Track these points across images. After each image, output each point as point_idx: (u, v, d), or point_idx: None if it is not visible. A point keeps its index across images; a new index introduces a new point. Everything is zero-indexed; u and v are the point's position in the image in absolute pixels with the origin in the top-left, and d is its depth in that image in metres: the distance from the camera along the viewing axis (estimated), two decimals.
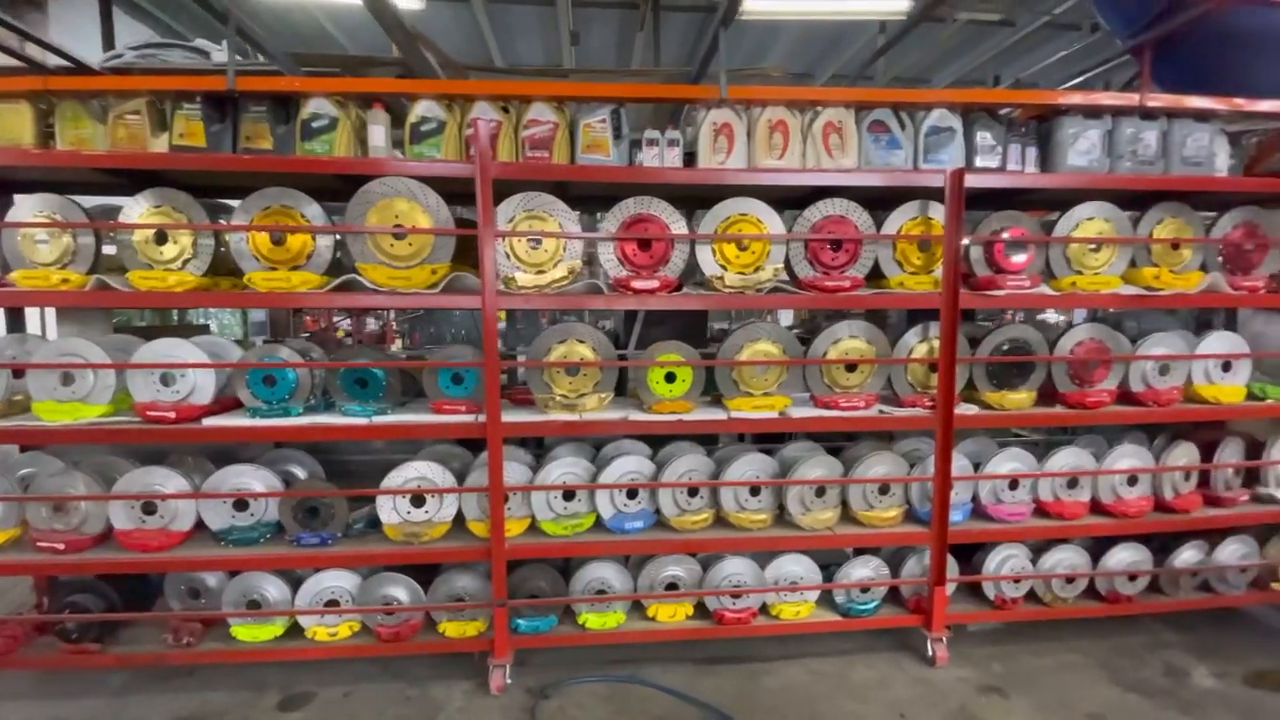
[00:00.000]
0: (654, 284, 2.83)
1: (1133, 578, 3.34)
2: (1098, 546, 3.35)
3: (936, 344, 3.01)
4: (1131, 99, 2.97)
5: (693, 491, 3.08)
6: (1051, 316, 7.10)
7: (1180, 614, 3.46)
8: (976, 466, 3.25)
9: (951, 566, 3.19)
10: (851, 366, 3.08)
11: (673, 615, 3.13)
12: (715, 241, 2.90)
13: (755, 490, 3.11)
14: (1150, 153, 3.05)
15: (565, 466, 3.02)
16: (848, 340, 3.07)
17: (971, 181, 2.89)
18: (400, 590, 2.96)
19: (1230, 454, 3.38)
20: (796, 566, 3.19)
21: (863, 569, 3.21)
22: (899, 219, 3.02)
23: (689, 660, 3.15)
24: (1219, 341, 3.29)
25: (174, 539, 2.82)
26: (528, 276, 2.73)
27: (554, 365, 2.88)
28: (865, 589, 3.19)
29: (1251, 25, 2.94)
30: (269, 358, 2.83)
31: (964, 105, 2.95)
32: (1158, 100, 3.01)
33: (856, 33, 5.84)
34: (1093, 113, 3.01)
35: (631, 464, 3.07)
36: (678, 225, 2.89)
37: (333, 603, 2.93)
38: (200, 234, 2.68)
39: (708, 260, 2.93)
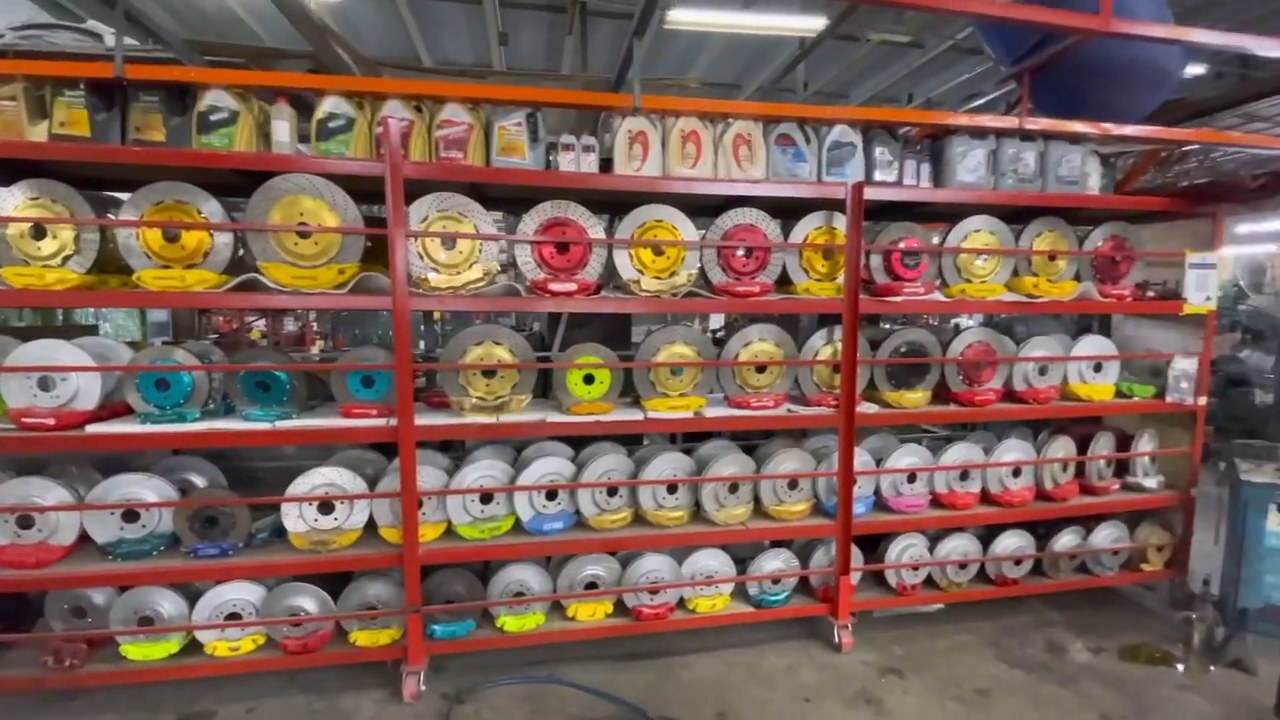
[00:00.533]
0: (572, 287, 2.86)
1: (1019, 562, 3.62)
2: (988, 533, 3.62)
3: (840, 346, 3.19)
4: (1012, 122, 3.24)
5: (612, 491, 3.13)
6: (965, 321, 7.58)
7: (1061, 594, 3.78)
8: (879, 461, 3.45)
9: (856, 556, 3.38)
10: (762, 368, 3.21)
11: (592, 614, 3.16)
12: (632, 246, 2.97)
13: (672, 488, 3.19)
14: (1030, 171, 3.33)
15: (483, 469, 3.01)
16: (758, 343, 3.21)
17: (871, 194, 3.08)
18: (308, 600, 2.87)
19: (1103, 447, 3.73)
20: (712, 561, 3.30)
21: (774, 561, 3.35)
22: (805, 228, 3.18)
23: (608, 657, 3.19)
24: (1091, 344, 3.63)
25: (54, 554, 2.64)
26: (441, 277, 2.71)
27: (468, 368, 2.87)
28: (776, 580, 3.33)
29: (1112, 56, 3.26)
30: (163, 360, 2.70)
31: (864, 122, 3.14)
32: (1036, 124, 3.29)
33: (781, 47, 6.07)
34: (978, 133, 3.26)
35: (552, 465, 3.09)
36: (595, 229, 2.94)
37: (234, 616, 2.81)
38: (84, 229, 2.53)
39: (625, 264, 2.99)
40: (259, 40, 6.10)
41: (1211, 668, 3.19)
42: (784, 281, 3.24)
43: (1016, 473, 3.56)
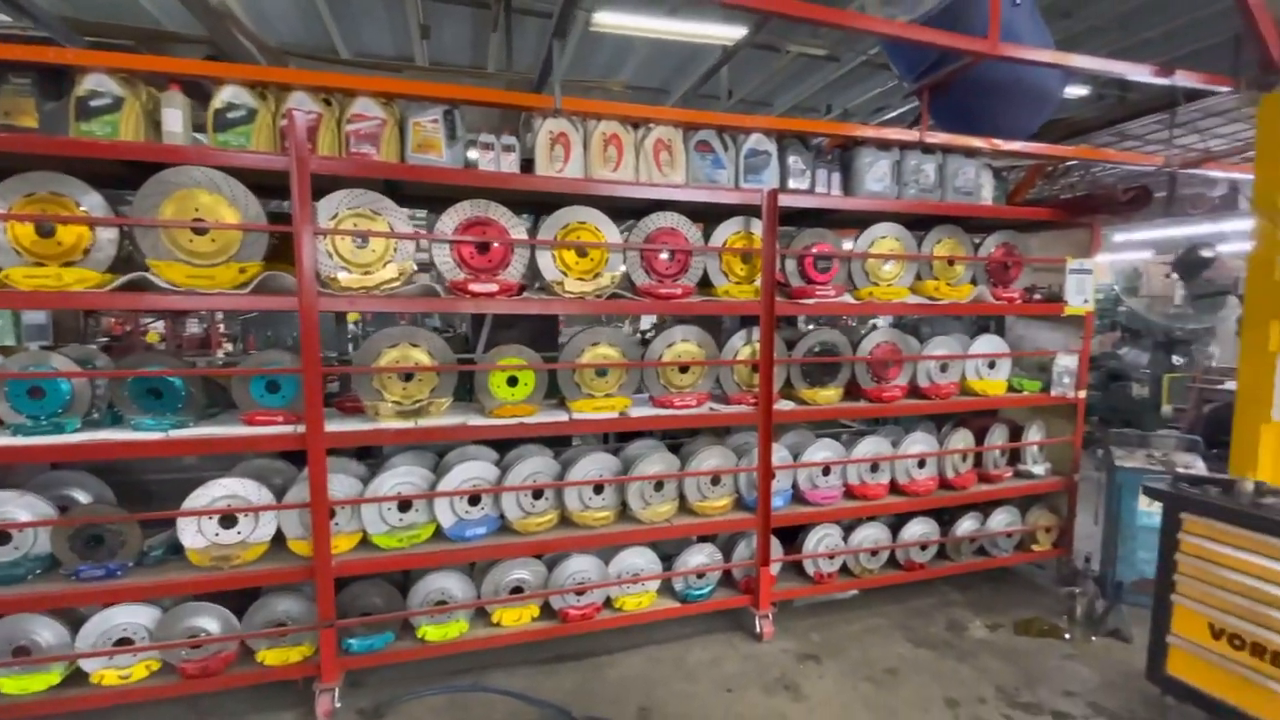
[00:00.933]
0: (493, 288, 2.83)
1: (925, 547, 3.87)
2: (897, 521, 3.85)
3: (759, 347, 3.30)
4: (914, 136, 3.46)
5: (538, 494, 3.11)
6: (880, 321, 7.99)
7: (963, 575, 4.06)
8: (796, 456, 3.60)
9: (777, 548, 3.51)
10: (685, 368, 3.28)
11: (518, 619, 3.13)
12: (555, 248, 2.96)
13: (599, 488, 3.21)
14: (930, 182, 3.57)
15: (401, 476, 2.92)
16: (681, 344, 3.28)
17: (785, 201, 3.20)
18: (209, 620, 2.70)
19: (997, 437, 4.03)
20: (639, 559, 3.34)
21: (698, 556, 3.43)
22: (724, 232, 3.28)
23: (535, 661, 3.17)
24: (986, 344, 3.92)
25: None
26: (353, 277, 2.62)
27: (382, 370, 2.78)
28: (701, 575, 3.41)
29: (1000, 77, 3.54)
30: (36, 366, 2.47)
31: (778, 132, 3.27)
32: (935, 138, 3.52)
33: (705, 54, 6.20)
34: (884, 145, 3.46)
35: (475, 470, 3.03)
36: (518, 230, 2.92)
37: (125, 641, 2.60)
38: None
39: (549, 266, 2.99)
40: (155, 24, 5.66)
41: (1093, 637, 3.51)
42: (706, 284, 3.32)
43: (922, 464, 3.79)
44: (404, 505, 2.90)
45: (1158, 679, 2.75)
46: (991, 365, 3.92)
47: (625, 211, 3.40)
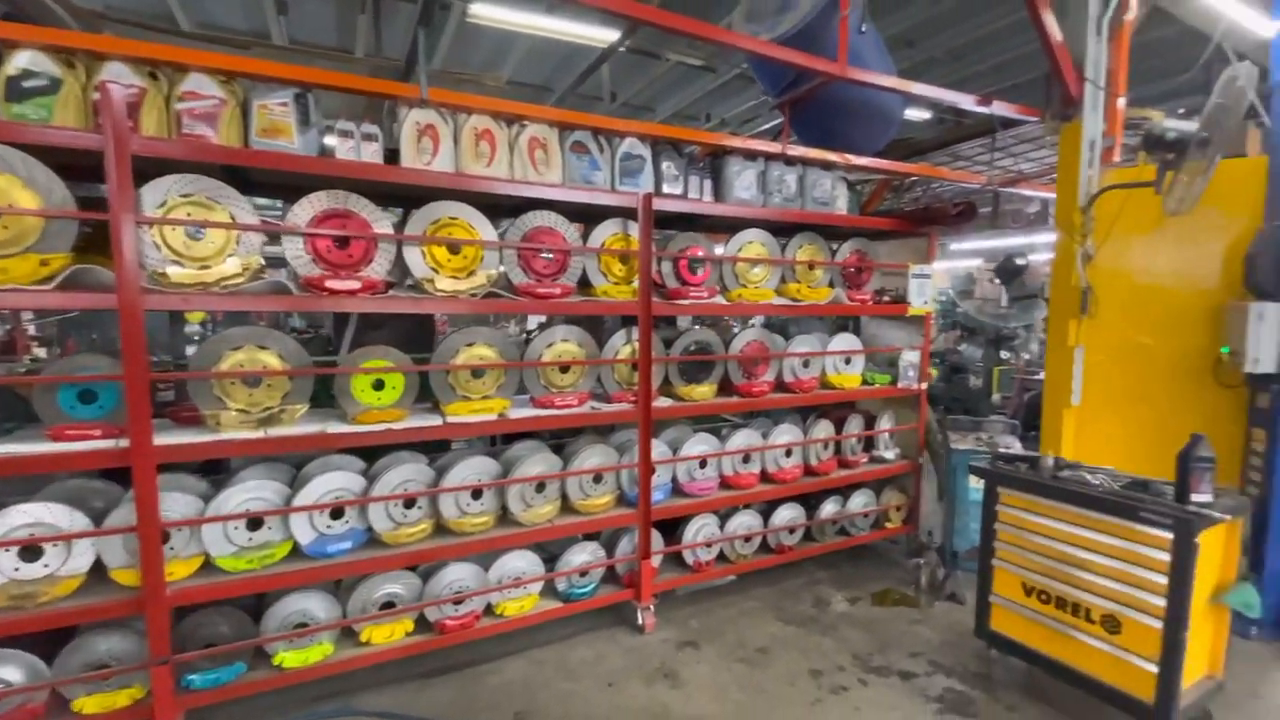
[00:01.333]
0: (354, 284, 2.66)
1: (793, 530, 4.15)
2: (768, 508, 4.09)
3: (638, 346, 3.37)
4: (777, 148, 3.70)
5: (410, 502, 2.97)
6: (757, 320, 8.45)
7: (827, 555, 4.40)
8: (675, 451, 3.72)
9: (658, 541, 3.61)
10: (565, 367, 3.28)
11: (390, 635, 2.97)
12: (424, 243, 2.85)
13: (477, 493, 3.12)
14: (792, 192, 3.83)
15: (251, 492, 2.67)
16: (561, 344, 3.27)
17: (660, 205, 3.30)
18: (9, 669, 2.32)
19: (854, 427, 4.41)
20: (520, 562, 3.29)
21: (581, 555, 3.44)
22: (602, 233, 3.32)
23: (411, 677, 3.04)
24: (842, 341, 4.27)
25: None
26: (186, 272, 2.36)
27: (222, 376, 2.53)
28: (584, 573, 3.42)
29: (849, 98, 3.88)
30: None
31: (652, 138, 3.36)
32: (796, 151, 3.79)
33: (586, 54, 6.24)
34: (751, 156, 3.67)
35: (337, 481, 2.84)
36: (383, 224, 2.77)
37: None
38: None
39: (418, 262, 2.86)
40: None
41: (936, 603, 3.94)
42: (586, 284, 3.34)
43: (789, 453, 4.06)
44: (254, 523, 2.65)
45: (984, 635, 3.14)
46: (848, 361, 4.28)
47: (502, 209, 3.33)
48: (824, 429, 4.24)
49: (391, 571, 2.97)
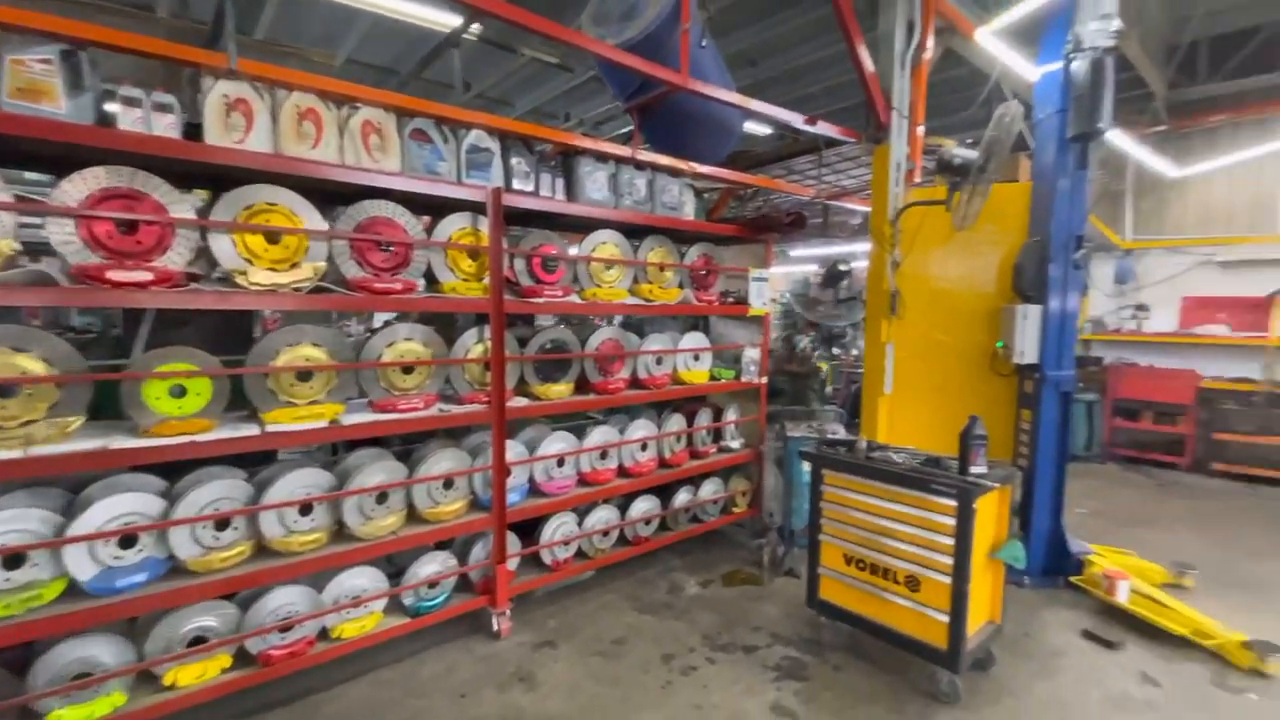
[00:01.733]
0: (145, 275, 2.31)
1: (649, 522, 4.28)
2: (625, 502, 4.19)
3: (491, 344, 3.28)
4: (626, 151, 3.79)
5: (223, 524, 2.64)
6: (619, 319, 8.60)
7: (681, 542, 4.59)
8: (532, 451, 3.67)
9: (515, 544, 3.54)
10: (409, 368, 3.11)
11: (202, 674, 2.62)
12: (234, 230, 2.54)
13: (306, 508, 2.85)
14: (642, 195, 3.95)
15: (6, 524, 2.21)
16: (404, 343, 3.09)
17: (511, 201, 3.24)
18: None
19: (704, 419, 4.65)
20: (360, 580, 3.06)
21: (431, 565, 3.28)
22: (449, 227, 3.18)
23: (232, 717, 2.70)
24: (691, 339, 4.48)
25: None
26: None
27: None
28: (434, 584, 3.27)
29: (693, 107, 4.09)
30: None
31: (500, 131, 3.28)
32: (645, 155, 3.90)
33: (433, 39, 5.95)
34: (602, 157, 3.72)
35: (127, 504, 2.44)
36: (180, 208, 2.42)
37: None
38: None
39: (228, 252, 2.55)
40: None
41: (776, 579, 4.27)
42: (434, 280, 3.18)
43: (644, 447, 4.19)
44: (10, 561, 2.20)
45: (814, 604, 3.45)
46: (697, 358, 4.50)
47: (336, 197, 3.07)
48: (677, 422, 4.42)
49: (202, 603, 2.62)
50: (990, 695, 2.98)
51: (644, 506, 4.23)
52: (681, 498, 4.46)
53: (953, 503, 2.81)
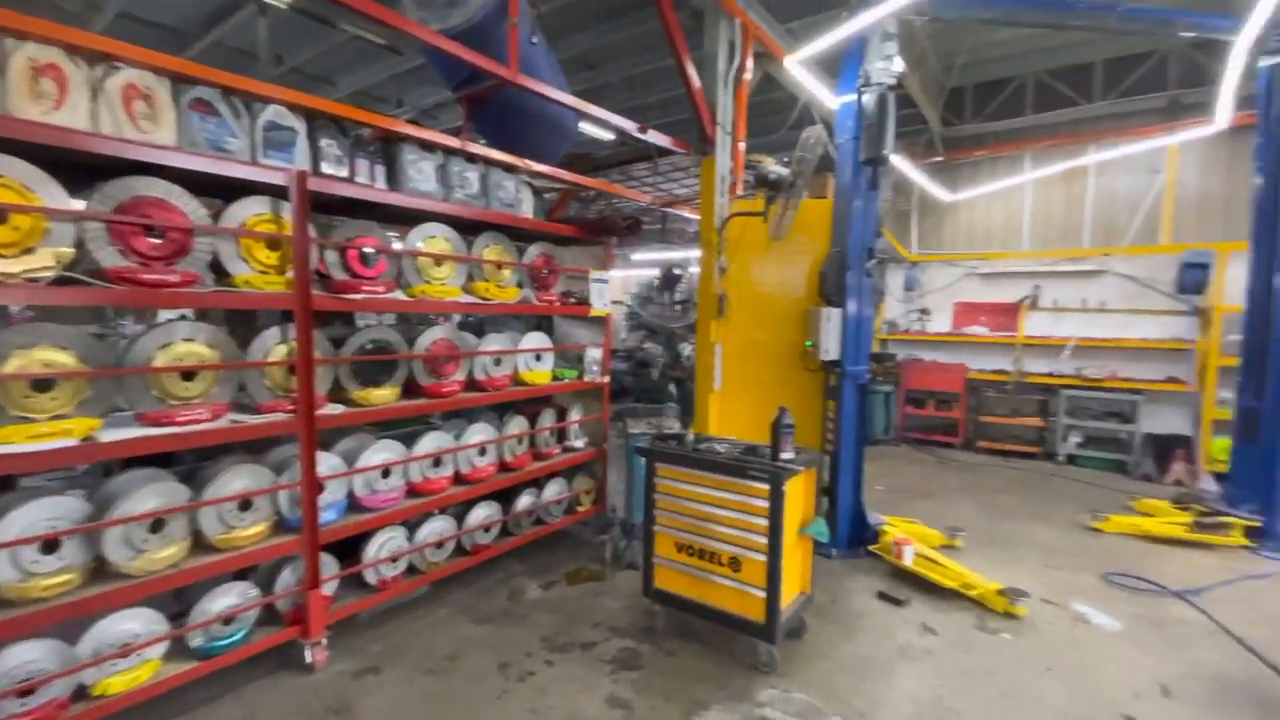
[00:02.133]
0: None
1: (488, 529, 4.14)
2: (462, 510, 4.01)
3: (296, 346, 2.96)
4: (456, 142, 3.63)
5: None
6: (456, 318, 8.24)
7: (524, 547, 4.50)
8: (351, 463, 3.38)
9: (331, 566, 3.23)
10: (190, 374, 2.70)
11: None
12: None
13: (50, 545, 2.36)
14: (475, 190, 3.81)
15: None
16: (183, 344, 2.68)
17: (319, 186, 2.95)
18: None
19: (547, 420, 4.61)
20: (130, 624, 2.60)
21: (225, 598, 2.87)
22: (242, 212, 2.82)
23: None
24: (532, 339, 4.43)
25: None
26: None
27: None
28: (229, 620, 2.87)
29: (528, 104, 4.04)
30: None
31: (306, 109, 2.98)
32: (477, 149, 3.78)
33: (235, 3, 5.27)
34: (428, 146, 3.53)
35: None
36: None
37: None
38: None
39: None
40: None
41: (619, 572, 4.34)
42: (225, 274, 2.79)
43: (483, 452, 4.05)
44: None
45: (650, 594, 3.57)
46: (538, 358, 4.45)
47: (96, 172, 2.57)
48: (518, 425, 4.33)
49: None
50: (804, 660, 3.28)
51: (483, 513, 4.09)
52: (524, 501, 4.37)
53: (766, 486, 3.06)
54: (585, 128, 6.33)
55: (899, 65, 4.29)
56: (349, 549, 3.41)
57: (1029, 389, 8.20)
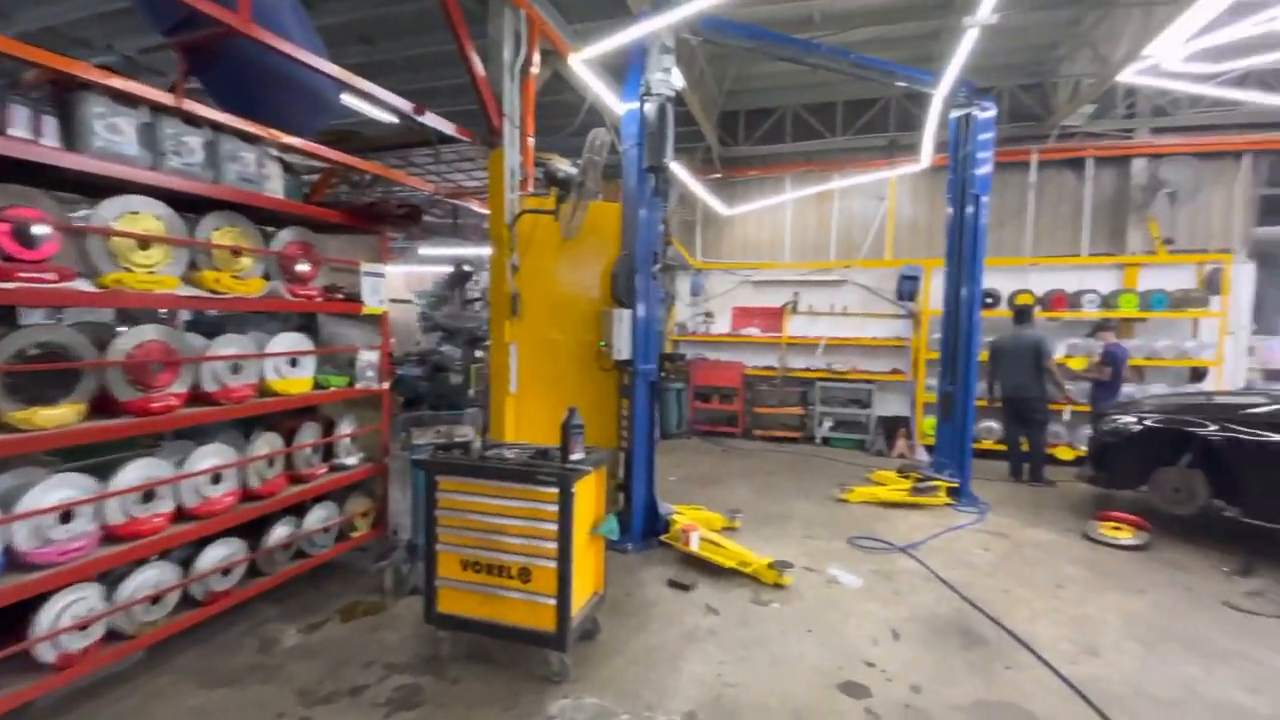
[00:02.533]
0: None
1: (228, 571, 3.44)
2: (190, 552, 3.27)
3: None
4: (169, 99, 2.94)
5: None
6: (184, 316, 6.84)
7: (280, 586, 3.82)
8: (10, 506, 2.54)
9: None
10: None
11: None
12: None
13: None
14: (198, 159, 3.13)
15: None
16: None
17: None
18: None
19: (309, 435, 3.98)
20: None
21: None
22: None
23: None
24: (285, 341, 3.79)
25: None
26: None
27: None
28: None
29: (271, 64, 3.44)
30: None
31: None
32: (200, 109, 3.10)
33: None
34: (128, 99, 2.81)
35: None
36: None
37: None
38: None
39: None
40: None
41: (400, 600, 3.90)
42: None
43: (217, 479, 3.34)
44: None
45: (433, 619, 3.25)
46: (294, 363, 3.83)
47: None
48: (269, 443, 3.67)
49: None
50: (597, 661, 3.25)
51: (220, 554, 3.37)
52: (279, 533, 3.72)
53: (554, 490, 2.96)
54: (361, 107, 5.69)
55: (678, 79, 4.52)
56: (11, 620, 2.56)
57: (792, 382, 9.36)
